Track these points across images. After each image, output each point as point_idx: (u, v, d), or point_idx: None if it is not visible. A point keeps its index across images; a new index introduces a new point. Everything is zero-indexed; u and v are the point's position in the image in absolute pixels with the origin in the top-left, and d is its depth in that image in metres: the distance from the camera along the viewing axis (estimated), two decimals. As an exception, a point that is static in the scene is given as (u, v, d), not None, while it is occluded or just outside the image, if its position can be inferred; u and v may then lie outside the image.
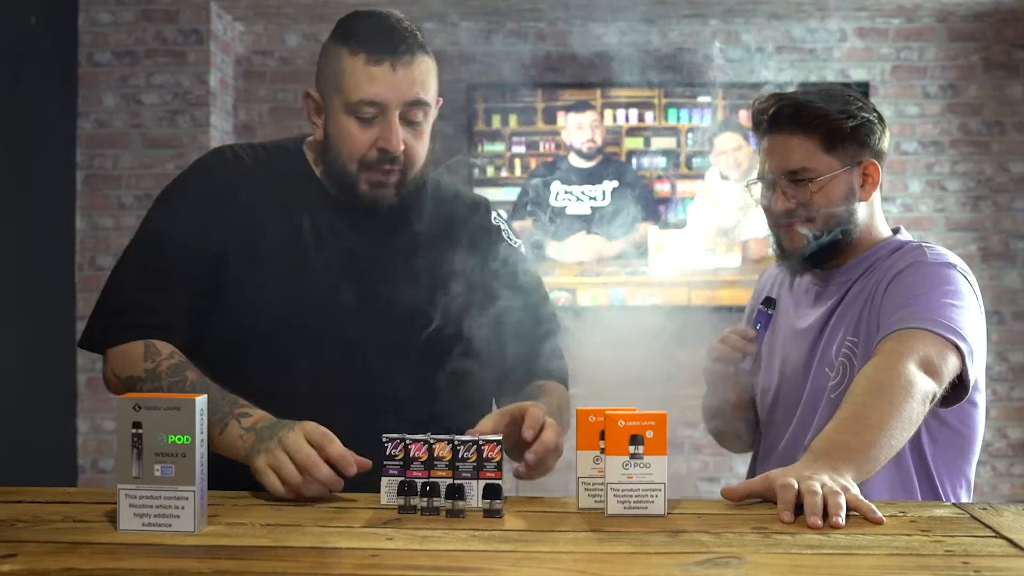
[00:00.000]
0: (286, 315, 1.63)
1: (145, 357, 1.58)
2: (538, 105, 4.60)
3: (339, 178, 1.66)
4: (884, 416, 1.51)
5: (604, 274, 4.51)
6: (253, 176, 1.69)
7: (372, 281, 1.67)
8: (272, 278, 1.64)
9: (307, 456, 1.40)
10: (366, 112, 1.60)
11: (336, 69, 1.62)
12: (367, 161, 1.62)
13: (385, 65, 1.59)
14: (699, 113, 4.57)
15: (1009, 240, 4.64)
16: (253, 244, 1.65)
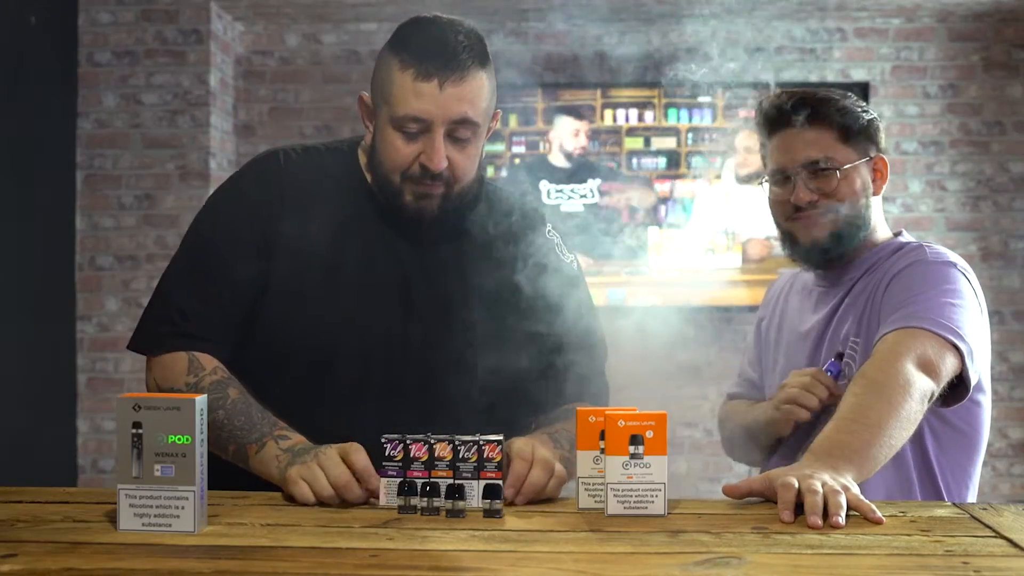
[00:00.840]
0: (330, 324, 1.62)
1: (188, 371, 1.57)
2: (538, 105, 4.60)
3: (383, 186, 1.64)
4: (883, 416, 1.51)
5: (604, 274, 4.51)
6: (304, 181, 1.67)
7: (419, 293, 1.65)
8: (317, 286, 1.62)
9: (342, 475, 1.41)
10: (411, 127, 1.57)
11: (386, 79, 1.59)
12: (410, 174, 1.59)
13: (433, 82, 1.54)
14: (699, 113, 4.57)
15: (1009, 240, 4.64)
16: (301, 252, 1.63)
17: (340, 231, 1.65)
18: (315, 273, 1.63)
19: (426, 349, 1.65)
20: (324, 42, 4.69)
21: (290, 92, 4.73)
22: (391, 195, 1.63)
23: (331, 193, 1.67)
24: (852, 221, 1.80)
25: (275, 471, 1.46)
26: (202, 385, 1.54)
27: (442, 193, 1.61)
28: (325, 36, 4.67)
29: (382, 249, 1.65)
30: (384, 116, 1.60)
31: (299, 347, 1.62)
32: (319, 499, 1.40)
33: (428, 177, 1.59)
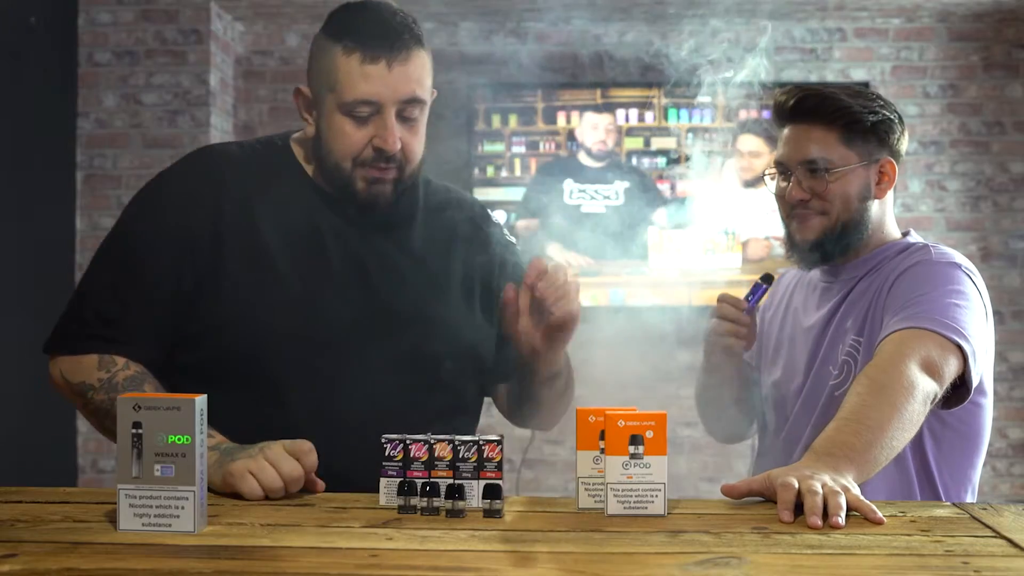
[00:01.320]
0: (287, 317, 1.59)
1: (99, 366, 1.55)
2: (538, 105, 4.60)
3: (333, 175, 1.62)
4: (885, 417, 1.51)
5: (604, 274, 4.51)
6: (243, 174, 1.64)
7: (376, 280, 1.64)
8: (270, 281, 1.59)
9: (294, 469, 1.42)
10: (361, 111, 1.57)
11: (329, 67, 1.58)
12: (362, 159, 1.59)
13: (381, 64, 1.55)
14: (699, 113, 4.57)
15: (1009, 240, 4.64)
16: (246, 246, 1.60)
17: (288, 224, 1.63)
18: (267, 268, 1.59)
19: (388, 337, 1.62)
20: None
21: (290, 92, 4.69)
22: (342, 183, 1.61)
23: (272, 186, 1.65)
24: (846, 224, 1.80)
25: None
26: (116, 380, 1.53)
27: (394, 177, 1.60)
28: (325, 36, 4.67)
29: (334, 240, 1.63)
30: (330, 104, 1.58)
31: (255, 343, 1.57)
32: (267, 493, 1.40)
33: (382, 160, 1.58)
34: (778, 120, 1.86)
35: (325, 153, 1.61)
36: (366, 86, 1.55)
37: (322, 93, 1.60)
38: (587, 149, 4.58)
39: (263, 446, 1.45)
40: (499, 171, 4.60)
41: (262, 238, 1.61)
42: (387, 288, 1.64)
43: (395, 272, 1.66)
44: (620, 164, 4.58)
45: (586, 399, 4.56)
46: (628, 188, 4.53)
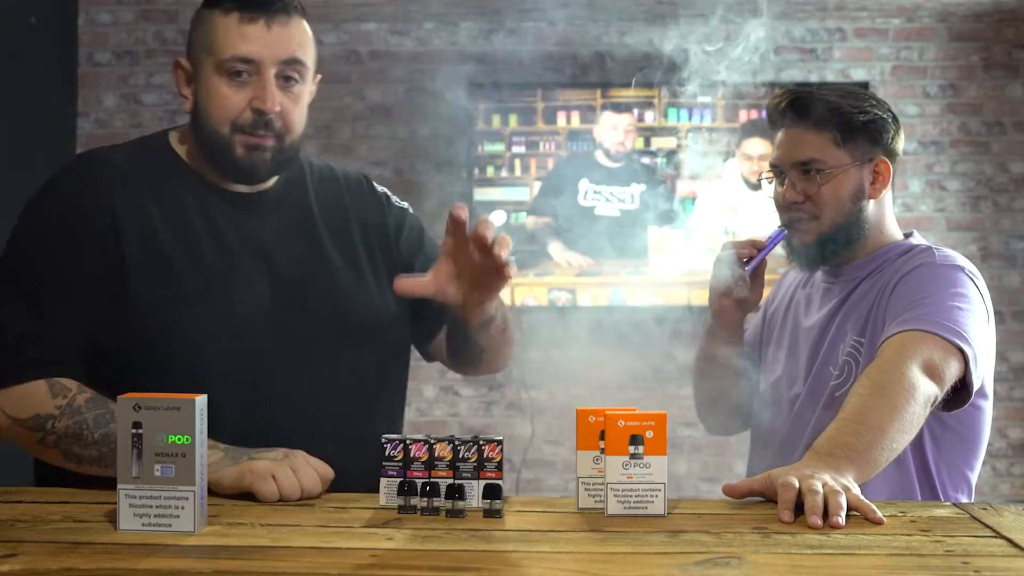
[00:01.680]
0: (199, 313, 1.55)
1: (53, 394, 1.49)
2: (538, 105, 4.60)
3: (212, 144, 1.59)
4: (886, 418, 1.51)
5: (604, 274, 4.51)
6: (130, 178, 1.60)
7: (282, 264, 1.62)
8: (175, 281, 1.55)
9: (315, 485, 1.43)
10: (239, 68, 1.55)
11: (208, 30, 1.57)
12: (241, 124, 1.56)
13: (260, 23, 1.55)
14: (699, 113, 4.57)
15: (1009, 240, 4.64)
16: (148, 248, 1.56)
17: (184, 221, 1.59)
18: (170, 268, 1.56)
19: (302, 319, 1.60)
20: (324, 42, 4.69)
21: (290, 92, 4.73)
22: (220, 150, 1.59)
23: (161, 186, 1.62)
24: (841, 225, 1.80)
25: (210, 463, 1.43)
26: (76, 404, 1.48)
27: (274, 146, 1.58)
28: (325, 36, 4.67)
29: (232, 231, 1.61)
30: (209, 67, 1.57)
31: (167, 347, 1.53)
32: (282, 498, 1.41)
33: (261, 125, 1.56)
34: (771, 123, 1.87)
35: (203, 120, 1.59)
36: (244, 44, 1.55)
37: (200, 60, 1.59)
38: (605, 150, 4.57)
39: (288, 452, 1.46)
40: (499, 171, 4.60)
41: (161, 239, 1.57)
42: (294, 271, 1.62)
43: (299, 253, 1.64)
44: (636, 167, 4.56)
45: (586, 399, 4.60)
46: (644, 191, 4.53)
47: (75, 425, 1.48)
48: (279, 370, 1.58)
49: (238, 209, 1.63)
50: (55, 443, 1.50)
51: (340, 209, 1.72)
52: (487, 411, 4.68)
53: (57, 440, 1.49)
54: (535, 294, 4.52)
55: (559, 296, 4.52)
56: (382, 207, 1.77)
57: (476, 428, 4.61)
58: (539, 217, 4.54)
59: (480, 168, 4.58)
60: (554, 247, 4.54)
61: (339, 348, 1.63)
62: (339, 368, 1.63)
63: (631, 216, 4.50)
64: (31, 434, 1.51)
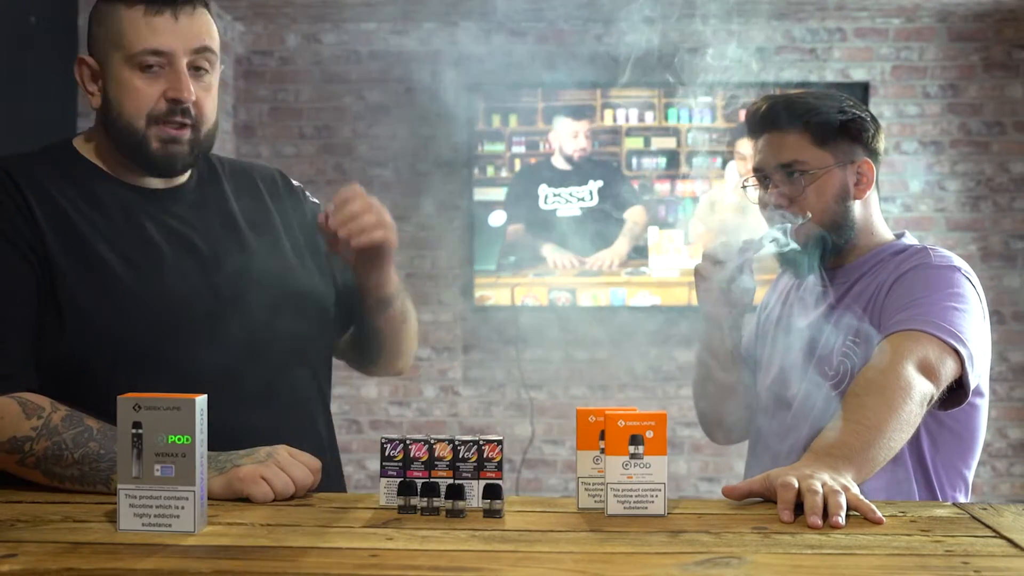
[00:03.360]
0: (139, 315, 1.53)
1: (26, 414, 1.46)
2: (538, 105, 4.60)
3: (126, 138, 1.57)
4: (883, 418, 1.52)
5: (604, 274, 4.51)
6: (41, 185, 1.56)
7: (207, 256, 1.61)
8: (109, 283, 1.53)
9: (306, 477, 1.44)
10: (150, 61, 1.54)
11: (113, 26, 1.56)
12: (155, 114, 1.56)
13: (166, 15, 1.54)
14: (699, 113, 4.57)
15: (1009, 240, 4.64)
16: (74, 252, 1.53)
17: (106, 221, 1.58)
18: (99, 269, 1.53)
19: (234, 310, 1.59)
20: (324, 42, 4.69)
21: (290, 92, 4.73)
22: (136, 144, 1.57)
23: (76, 189, 1.59)
24: (827, 228, 1.80)
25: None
26: (53, 423, 1.46)
27: (189, 138, 1.59)
28: (325, 36, 4.67)
29: (154, 227, 1.60)
30: (118, 62, 1.56)
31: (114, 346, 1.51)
32: (278, 497, 1.41)
33: (177, 113, 1.56)
34: (751, 131, 1.87)
35: (116, 116, 1.57)
36: (153, 37, 1.54)
37: (108, 56, 1.58)
38: (567, 156, 4.57)
39: (270, 451, 1.46)
40: (499, 171, 4.60)
41: (87, 242, 1.55)
42: (222, 260, 1.62)
43: (223, 242, 1.64)
44: (592, 161, 4.58)
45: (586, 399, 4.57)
46: (601, 187, 4.53)
47: (54, 446, 1.45)
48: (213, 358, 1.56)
49: (156, 204, 1.62)
50: (35, 464, 1.47)
51: (257, 200, 1.73)
52: (487, 411, 4.68)
53: (36, 462, 1.46)
54: (535, 294, 4.53)
55: (559, 296, 4.52)
56: (299, 199, 1.79)
57: (476, 428, 4.61)
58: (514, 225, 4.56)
59: (480, 168, 4.58)
60: (547, 248, 4.54)
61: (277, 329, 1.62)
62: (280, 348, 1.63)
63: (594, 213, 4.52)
64: (9, 456, 1.47)
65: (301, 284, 1.69)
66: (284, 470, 1.43)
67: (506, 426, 4.63)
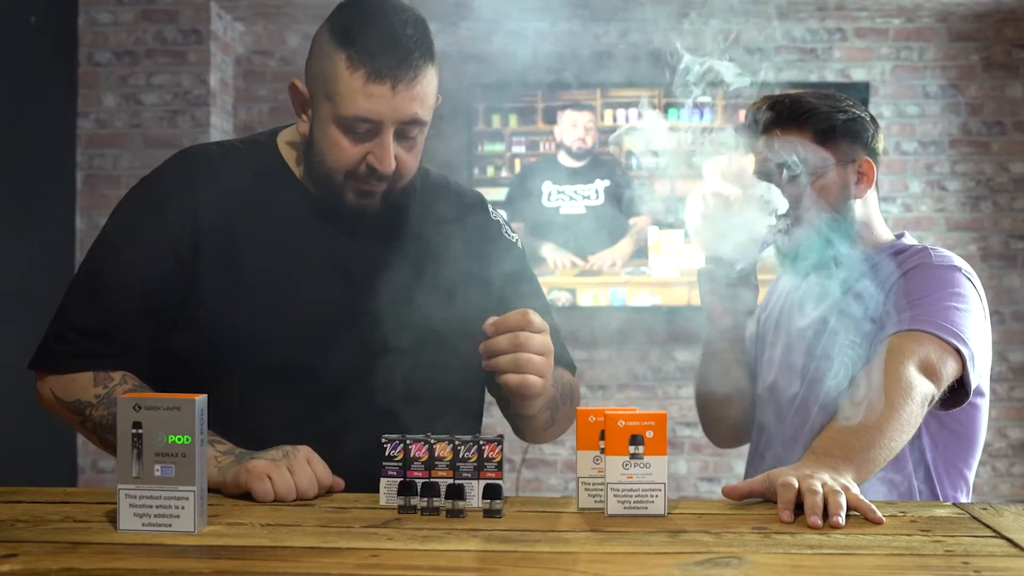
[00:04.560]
0: (273, 325, 1.55)
1: (95, 383, 1.53)
2: (538, 105, 4.60)
3: (323, 183, 1.57)
4: (883, 418, 1.52)
5: (604, 274, 4.51)
6: (225, 178, 1.60)
7: (362, 283, 1.60)
8: (253, 287, 1.56)
9: (311, 487, 1.43)
10: (360, 128, 1.51)
11: (331, 76, 1.51)
12: (355, 174, 1.54)
13: (386, 84, 1.48)
14: (699, 113, 4.57)
15: (1009, 240, 4.64)
16: (230, 250, 1.56)
17: (271, 227, 1.59)
18: (251, 273, 1.56)
19: (378, 347, 1.57)
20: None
21: (290, 92, 4.73)
22: (331, 193, 1.57)
23: (257, 189, 1.61)
24: (830, 226, 1.80)
25: (215, 472, 1.44)
26: (114, 396, 1.50)
27: (383, 191, 1.56)
28: (325, 36, 4.67)
29: (320, 245, 1.60)
30: (326, 113, 1.52)
31: (238, 351, 1.54)
32: (278, 498, 1.41)
33: (374, 178, 1.54)
34: (752, 133, 1.87)
35: (317, 160, 1.56)
36: (366, 104, 1.49)
37: (319, 98, 1.54)
38: (567, 148, 4.57)
39: (288, 451, 1.45)
40: (499, 171, 4.60)
41: (241, 243, 1.57)
42: (370, 296, 1.58)
43: (384, 275, 1.60)
44: (600, 161, 4.57)
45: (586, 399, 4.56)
46: (608, 186, 4.53)
47: (110, 416, 1.50)
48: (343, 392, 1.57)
49: (331, 223, 1.60)
50: (92, 428, 1.54)
51: (443, 226, 1.66)
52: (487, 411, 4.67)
53: (94, 427, 1.54)
54: (535, 294, 4.52)
55: (559, 296, 4.52)
56: (491, 233, 1.72)
57: (476, 428, 4.61)
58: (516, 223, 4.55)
59: (480, 168, 4.58)
60: (546, 248, 4.54)
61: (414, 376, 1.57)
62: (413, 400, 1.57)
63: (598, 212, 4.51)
64: (72, 416, 1.56)
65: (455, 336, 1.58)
66: (292, 472, 1.43)
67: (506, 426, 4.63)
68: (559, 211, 4.53)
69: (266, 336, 1.55)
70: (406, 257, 1.62)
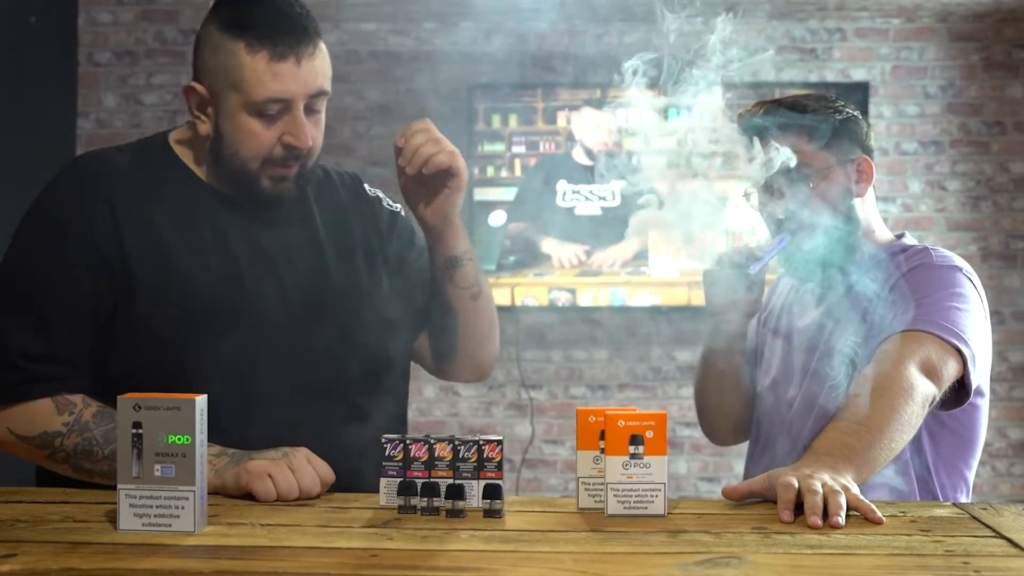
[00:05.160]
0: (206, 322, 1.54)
1: (58, 410, 1.48)
2: (538, 105, 4.59)
3: (238, 176, 1.57)
4: (884, 418, 1.52)
5: (604, 274, 4.51)
6: (131, 182, 1.57)
7: (285, 271, 1.61)
8: (182, 290, 1.54)
9: (314, 485, 1.44)
10: (271, 109, 1.52)
11: (232, 66, 1.51)
12: (272, 158, 1.55)
13: (290, 61, 1.51)
14: (699, 113, 4.57)
15: (1009, 240, 4.64)
16: (152, 255, 1.54)
17: (188, 228, 1.57)
18: (176, 275, 1.54)
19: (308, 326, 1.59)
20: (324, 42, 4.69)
21: (290, 92, 4.72)
22: (247, 183, 1.57)
23: (164, 191, 1.59)
24: (833, 228, 1.80)
25: (212, 474, 1.44)
26: (84, 420, 1.48)
27: (297, 173, 1.58)
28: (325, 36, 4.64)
29: (236, 238, 1.59)
30: (235, 104, 1.52)
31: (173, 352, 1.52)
32: (280, 497, 1.41)
33: (292, 158, 1.55)
34: (748, 136, 1.87)
35: (230, 155, 1.56)
36: (276, 84, 1.51)
37: (223, 92, 1.53)
38: (587, 149, 4.56)
39: (287, 451, 1.46)
40: (499, 171, 4.60)
41: (165, 245, 1.55)
42: (297, 278, 1.61)
43: (303, 260, 1.63)
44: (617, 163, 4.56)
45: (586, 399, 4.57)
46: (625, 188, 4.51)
47: (84, 442, 1.47)
48: (287, 380, 1.57)
49: (241, 216, 1.61)
50: (64, 459, 1.49)
51: (339, 212, 1.72)
52: (487, 411, 4.68)
53: (67, 456, 1.49)
54: (535, 294, 4.52)
55: (559, 296, 4.51)
56: (374, 210, 1.77)
57: (476, 428, 4.61)
58: (519, 224, 4.54)
59: (480, 168, 4.58)
60: (547, 243, 4.53)
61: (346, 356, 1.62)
62: (346, 371, 1.62)
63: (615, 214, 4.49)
64: (39, 451, 1.50)
65: (377, 307, 1.67)
66: (294, 472, 1.43)
67: (506, 426, 4.63)
68: (574, 211, 4.51)
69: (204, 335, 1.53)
70: (320, 240, 1.66)
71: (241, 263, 1.59)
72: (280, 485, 1.41)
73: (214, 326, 1.54)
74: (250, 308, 1.57)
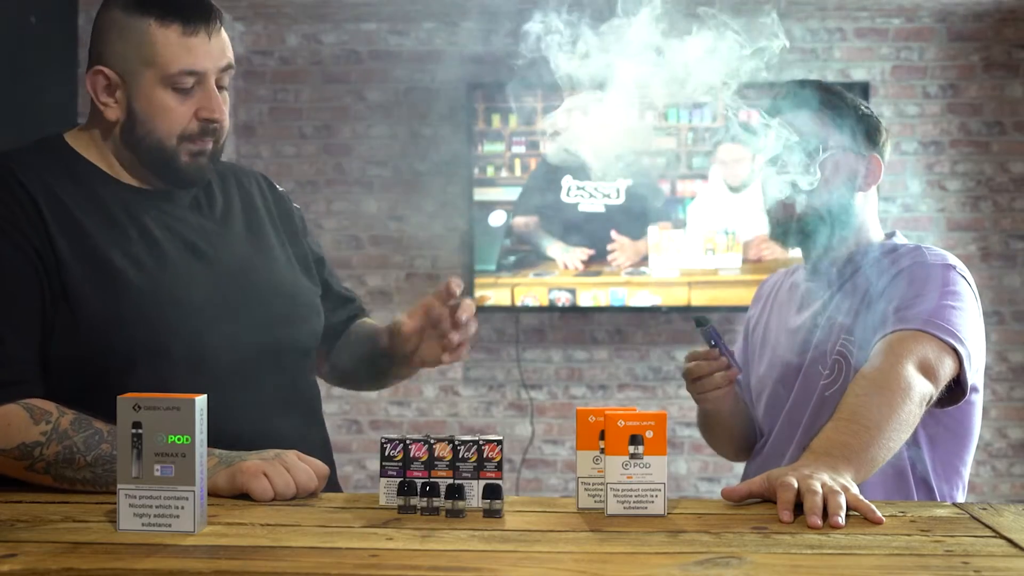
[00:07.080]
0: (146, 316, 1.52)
1: (35, 420, 1.45)
2: (538, 105, 4.60)
3: (154, 156, 1.58)
4: (883, 417, 1.52)
5: (604, 274, 4.51)
6: (45, 184, 1.55)
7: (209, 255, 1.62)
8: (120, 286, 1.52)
9: (311, 481, 1.45)
10: (185, 83, 1.55)
11: (144, 43, 1.54)
12: (187, 133, 1.57)
13: (201, 35, 1.55)
14: (699, 113, 4.57)
15: (1009, 240, 4.64)
16: (81, 250, 1.52)
17: (108, 222, 1.57)
18: (109, 268, 1.52)
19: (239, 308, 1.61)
20: (324, 42, 4.69)
21: (290, 92, 4.73)
22: (164, 162, 1.59)
23: (76, 187, 1.57)
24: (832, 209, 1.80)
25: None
26: (63, 428, 1.45)
27: (211, 149, 1.62)
28: (325, 36, 4.67)
29: (157, 227, 1.59)
30: (149, 80, 1.55)
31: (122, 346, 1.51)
32: (277, 496, 1.41)
33: (207, 132, 1.59)
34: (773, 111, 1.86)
35: (144, 134, 1.58)
36: (189, 57, 1.55)
37: (135, 71, 1.56)
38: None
39: (279, 452, 1.47)
40: (499, 171, 4.60)
41: (93, 241, 1.54)
42: (221, 261, 1.63)
43: (221, 244, 1.65)
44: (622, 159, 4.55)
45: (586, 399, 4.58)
46: (630, 186, 4.51)
47: (65, 450, 1.45)
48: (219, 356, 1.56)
49: (156, 206, 1.62)
50: (44, 469, 1.46)
51: (247, 199, 1.75)
52: (487, 411, 4.68)
53: (47, 466, 1.46)
54: (535, 294, 4.52)
55: (559, 296, 4.51)
56: (283, 200, 1.82)
57: (476, 428, 4.61)
58: (526, 217, 4.53)
59: (480, 168, 4.58)
60: (554, 248, 4.53)
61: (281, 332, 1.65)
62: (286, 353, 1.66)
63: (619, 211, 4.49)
64: (18, 463, 1.47)
65: (300, 286, 1.73)
66: (288, 469, 1.43)
67: (506, 426, 4.63)
68: (578, 208, 4.51)
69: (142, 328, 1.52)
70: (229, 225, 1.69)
71: (166, 251, 1.59)
72: (276, 483, 1.41)
73: (155, 315, 1.53)
74: (179, 294, 1.56)
